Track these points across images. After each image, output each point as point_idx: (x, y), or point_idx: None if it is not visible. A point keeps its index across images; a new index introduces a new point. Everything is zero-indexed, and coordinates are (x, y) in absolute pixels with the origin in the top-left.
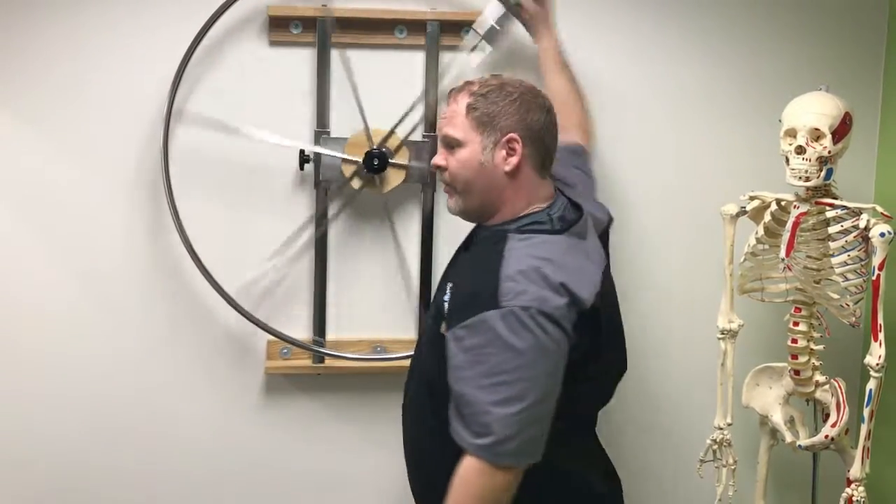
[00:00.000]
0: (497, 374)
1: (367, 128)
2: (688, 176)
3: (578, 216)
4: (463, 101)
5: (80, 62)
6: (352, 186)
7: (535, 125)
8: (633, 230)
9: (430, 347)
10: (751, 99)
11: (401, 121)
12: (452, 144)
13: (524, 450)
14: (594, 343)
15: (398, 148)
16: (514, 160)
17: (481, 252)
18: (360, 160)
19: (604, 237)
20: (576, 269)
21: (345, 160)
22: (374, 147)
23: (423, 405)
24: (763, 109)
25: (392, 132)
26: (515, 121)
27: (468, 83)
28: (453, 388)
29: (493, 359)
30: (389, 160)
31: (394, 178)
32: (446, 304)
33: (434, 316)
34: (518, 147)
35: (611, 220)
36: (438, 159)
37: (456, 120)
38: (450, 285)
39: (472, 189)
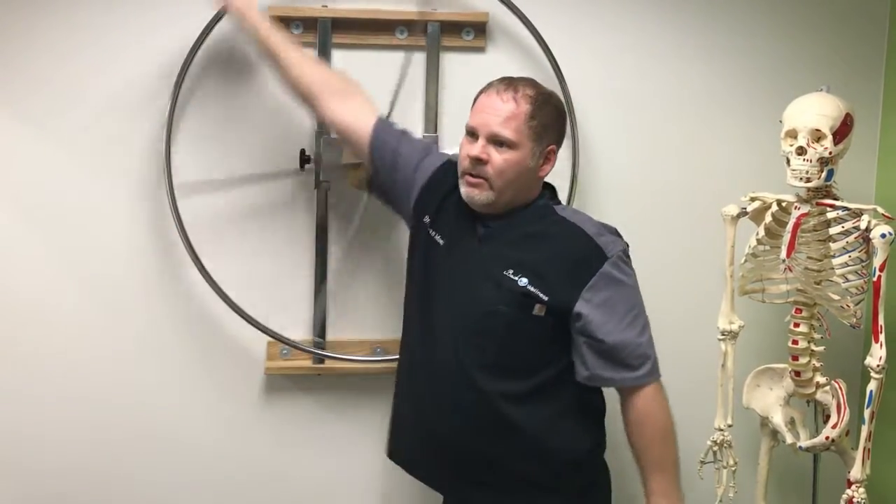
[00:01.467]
0: (630, 311)
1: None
2: (688, 177)
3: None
4: (523, 105)
5: (82, 64)
6: (352, 187)
7: (563, 138)
8: (634, 231)
9: (509, 333)
10: (751, 99)
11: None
12: (504, 143)
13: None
14: None
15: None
16: (548, 168)
17: (536, 229)
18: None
19: None
20: None
21: (345, 160)
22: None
23: (483, 389)
24: (764, 110)
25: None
26: (558, 135)
27: (519, 84)
28: (603, 341)
29: (624, 301)
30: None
31: None
32: (532, 288)
33: (512, 303)
34: (553, 158)
35: None
36: (479, 152)
37: (514, 123)
38: (518, 271)
39: (511, 188)
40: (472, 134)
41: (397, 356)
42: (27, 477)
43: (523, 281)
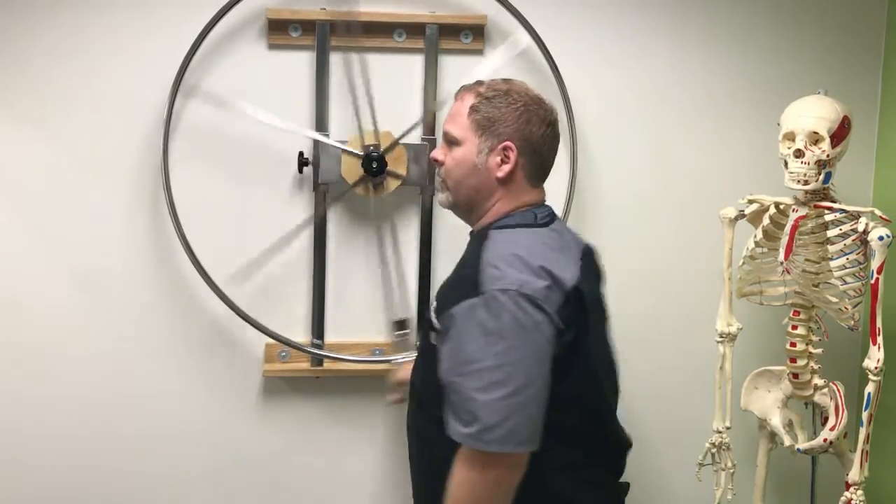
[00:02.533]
0: (479, 360)
1: (376, 130)
2: (686, 179)
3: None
4: (468, 100)
5: (81, 66)
6: (350, 189)
7: (533, 136)
8: (632, 234)
9: (422, 360)
10: (749, 102)
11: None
12: (451, 141)
13: (512, 437)
14: (582, 331)
15: (391, 146)
16: (506, 168)
17: (467, 251)
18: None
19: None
20: (556, 256)
21: (344, 156)
22: (373, 150)
23: (417, 416)
24: (762, 113)
25: (390, 135)
26: (514, 129)
27: (478, 83)
28: (443, 379)
29: (474, 344)
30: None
31: (392, 181)
32: (432, 315)
33: (423, 333)
34: (512, 156)
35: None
36: (437, 153)
37: (458, 118)
38: (434, 300)
39: (461, 187)
40: None
41: (395, 358)
42: (25, 476)
43: (432, 307)
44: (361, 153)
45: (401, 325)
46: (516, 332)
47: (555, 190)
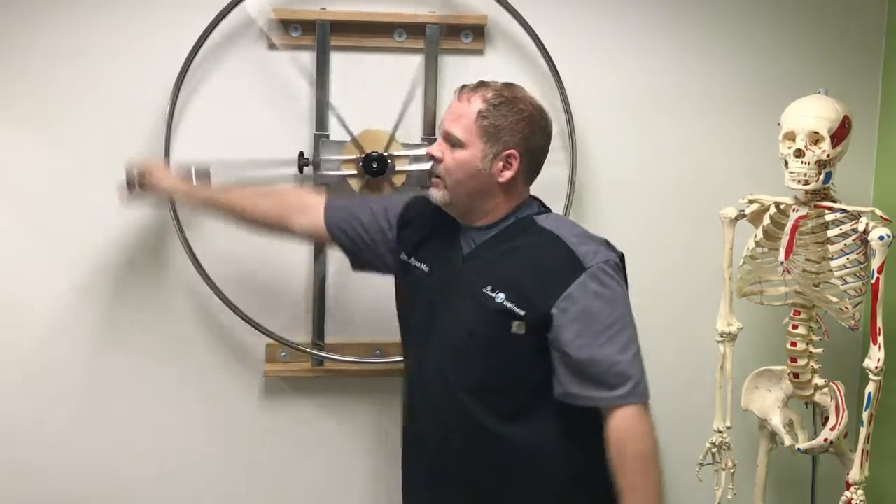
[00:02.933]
0: (610, 327)
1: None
2: (686, 179)
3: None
4: (475, 104)
5: (82, 67)
6: (351, 189)
7: (534, 145)
8: (632, 233)
9: (490, 353)
10: (750, 102)
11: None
12: (454, 142)
13: (647, 386)
14: None
15: (389, 142)
16: (508, 174)
17: (517, 242)
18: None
19: None
20: None
21: (345, 162)
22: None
23: (472, 411)
24: (762, 112)
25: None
26: (519, 139)
27: (483, 86)
28: (574, 357)
29: (602, 315)
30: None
31: (393, 180)
32: (508, 304)
33: (490, 322)
34: (515, 163)
35: None
36: (435, 150)
37: (464, 121)
38: (496, 287)
39: (461, 188)
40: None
41: (396, 358)
42: (24, 476)
43: (500, 297)
44: (362, 153)
45: (205, 174)
46: (623, 296)
47: (554, 190)
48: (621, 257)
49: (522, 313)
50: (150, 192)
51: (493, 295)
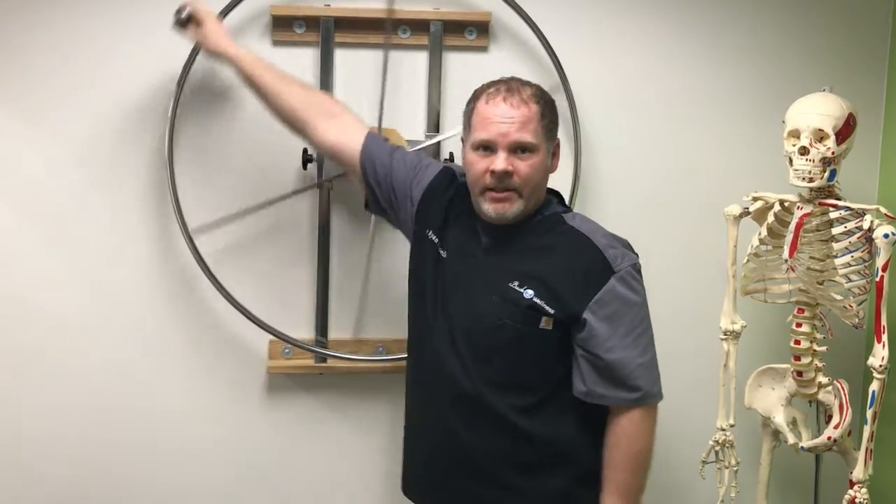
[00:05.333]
0: (634, 329)
1: (380, 128)
2: (691, 177)
3: None
4: (533, 106)
5: (84, 63)
6: (354, 185)
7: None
8: (636, 230)
9: (516, 347)
10: (754, 99)
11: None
12: (526, 149)
13: (661, 387)
14: None
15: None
16: (556, 163)
17: (547, 240)
18: None
19: None
20: None
21: None
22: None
23: (492, 405)
24: (766, 110)
25: (395, 132)
26: (558, 127)
27: (517, 85)
28: (603, 359)
29: (629, 318)
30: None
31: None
32: (538, 300)
33: (517, 316)
34: (559, 151)
35: None
36: (506, 164)
37: (531, 126)
38: (524, 283)
39: (537, 191)
40: (485, 148)
41: (399, 356)
42: (30, 476)
43: (529, 293)
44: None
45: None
46: (645, 299)
47: (558, 187)
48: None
49: (552, 311)
50: (196, 39)
51: (521, 290)
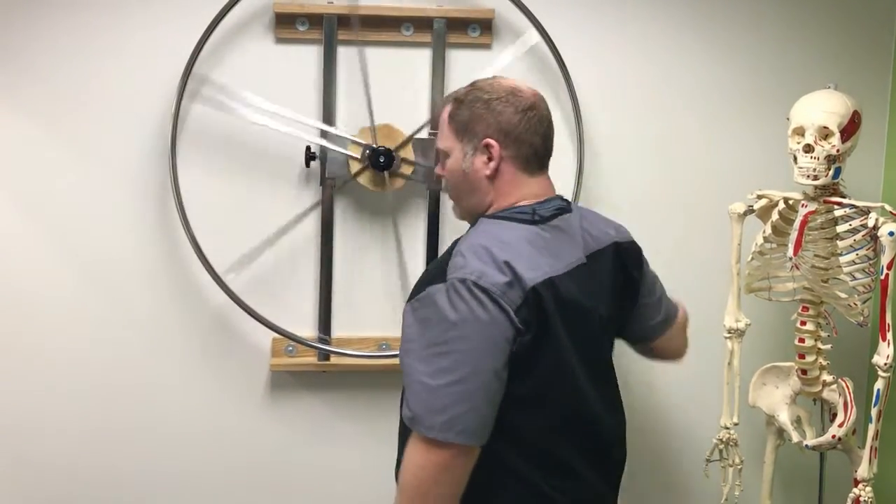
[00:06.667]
0: (433, 345)
1: (373, 127)
2: (695, 174)
3: (559, 213)
4: (445, 111)
5: (87, 60)
6: (358, 183)
7: (508, 126)
8: (640, 229)
9: None
10: (759, 97)
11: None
12: (443, 155)
13: (453, 426)
14: (542, 332)
15: (405, 143)
16: (492, 164)
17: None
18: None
19: (628, 265)
20: (532, 253)
21: (351, 157)
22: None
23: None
24: (771, 107)
25: (397, 129)
26: (488, 124)
27: (456, 91)
28: (400, 360)
29: (431, 330)
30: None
31: (401, 173)
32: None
33: None
34: (495, 151)
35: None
36: (438, 169)
37: (442, 130)
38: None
39: (461, 195)
40: None
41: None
42: (30, 472)
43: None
44: (369, 147)
45: None
46: (468, 322)
47: (562, 186)
48: (531, 292)
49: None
50: None
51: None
